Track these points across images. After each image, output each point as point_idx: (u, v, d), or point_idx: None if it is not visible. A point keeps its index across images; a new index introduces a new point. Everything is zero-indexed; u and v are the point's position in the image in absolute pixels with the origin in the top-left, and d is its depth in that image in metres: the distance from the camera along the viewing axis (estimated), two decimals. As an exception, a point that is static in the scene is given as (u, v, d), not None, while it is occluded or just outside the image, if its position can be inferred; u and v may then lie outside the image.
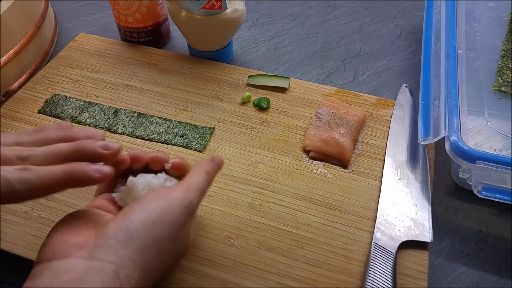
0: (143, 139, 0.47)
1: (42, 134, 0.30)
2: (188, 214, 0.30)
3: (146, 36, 0.59)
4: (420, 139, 0.43)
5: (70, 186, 0.28)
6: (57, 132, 0.31)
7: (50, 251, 0.27)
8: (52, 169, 0.27)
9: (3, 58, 0.51)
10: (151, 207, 0.29)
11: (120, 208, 0.33)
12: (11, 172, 0.26)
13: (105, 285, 0.25)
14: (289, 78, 0.53)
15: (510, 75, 0.48)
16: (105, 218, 0.31)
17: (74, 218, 0.30)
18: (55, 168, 0.27)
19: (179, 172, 0.34)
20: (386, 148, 0.46)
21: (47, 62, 0.58)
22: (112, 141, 0.31)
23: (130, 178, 0.32)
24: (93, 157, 0.29)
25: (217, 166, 0.34)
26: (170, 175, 0.34)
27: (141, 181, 0.32)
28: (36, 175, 0.27)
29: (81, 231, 0.28)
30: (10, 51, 0.52)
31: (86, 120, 0.49)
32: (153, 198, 0.29)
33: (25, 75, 0.55)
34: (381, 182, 0.43)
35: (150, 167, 0.34)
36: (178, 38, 0.63)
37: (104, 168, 0.29)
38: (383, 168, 0.44)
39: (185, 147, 0.46)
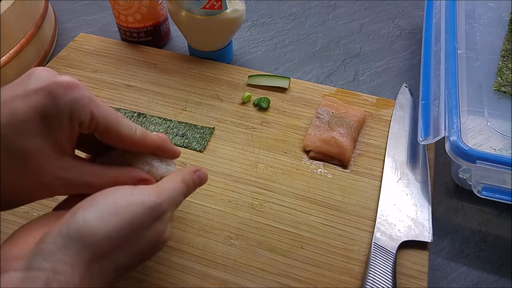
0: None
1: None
2: (152, 216, 0.28)
3: (146, 36, 0.59)
4: (420, 139, 0.43)
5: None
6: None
7: None
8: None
9: (3, 58, 0.51)
10: (102, 204, 0.27)
11: None
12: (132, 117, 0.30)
13: None
14: (289, 78, 0.53)
15: (510, 75, 0.48)
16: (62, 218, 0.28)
17: (23, 228, 0.28)
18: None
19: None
20: (386, 148, 0.46)
21: (47, 62, 0.58)
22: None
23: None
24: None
25: (199, 179, 0.33)
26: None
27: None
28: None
29: (27, 241, 0.26)
30: (10, 51, 0.52)
31: (86, 120, 0.49)
32: (109, 194, 0.27)
33: (25, 75, 0.55)
34: (381, 182, 0.43)
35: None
36: (178, 38, 0.63)
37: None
38: (383, 168, 0.44)
39: (185, 147, 0.46)
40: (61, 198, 0.41)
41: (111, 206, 0.27)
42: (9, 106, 0.26)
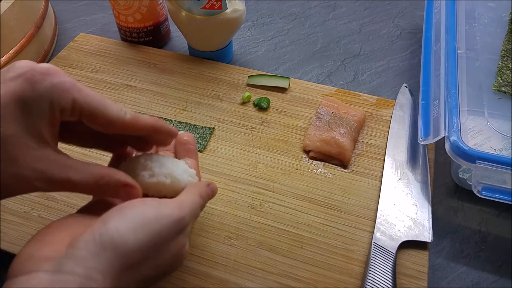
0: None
1: None
2: (177, 230, 0.28)
3: (146, 36, 0.59)
4: (420, 139, 0.43)
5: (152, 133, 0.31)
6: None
7: (16, 267, 0.25)
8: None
9: (3, 58, 0.51)
10: (132, 215, 0.27)
11: None
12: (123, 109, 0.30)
13: None
14: (289, 78, 0.53)
15: (510, 75, 0.48)
16: (90, 221, 0.28)
17: (49, 228, 0.28)
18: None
19: (183, 146, 0.35)
20: (386, 148, 0.46)
21: (47, 62, 0.58)
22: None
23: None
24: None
25: (211, 192, 0.34)
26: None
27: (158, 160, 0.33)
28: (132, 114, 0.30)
29: (53, 242, 0.26)
30: (10, 51, 0.52)
31: (86, 120, 0.49)
32: (138, 206, 0.28)
33: (25, 75, 0.55)
34: (381, 182, 0.43)
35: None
36: (178, 38, 0.63)
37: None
38: (383, 168, 0.44)
39: (185, 147, 0.46)
40: (60, 197, 0.41)
41: (140, 217, 0.27)
42: None
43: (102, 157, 0.44)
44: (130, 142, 0.34)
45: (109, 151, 0.35)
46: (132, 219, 0.26)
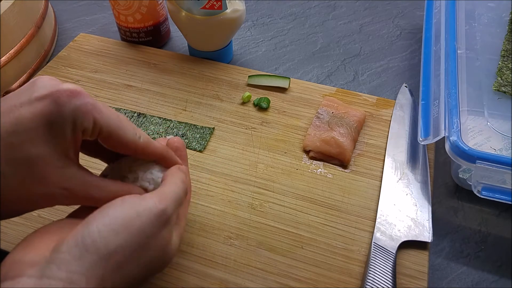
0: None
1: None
2: (160, 224, 0.28)
3: (146, 36, 0.59)
4: (420, 139, 0.43)
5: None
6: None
7: (3, 271, 0.25)
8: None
9: (3, 58, 0.51)
10: (113, 215, 0.27)
11: None
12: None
13: None
14: (289, 78, 0.53)
15: (510, 75, 0.48)
16: (76, 226, 0.28)
17: (37, 233, 0.28)
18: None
19: (175, 153, 0.35)
20: (386, 148, 0.46)
21: (47, 62, 0.58)
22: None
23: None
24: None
25: (185, 174, 0.34)
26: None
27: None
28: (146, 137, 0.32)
29: (40, 246, 0.26)
30: (10, 51, 0.52)
31: (86, 120, 0.49)
32: (118, 205, 0.27)
33: (25, 75, 0.55)
34: (381, 182, 0.43)
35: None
36: (178, 38, 0.63)
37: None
38: (383, 168, 0.44)
39: (185, 147, 0.46)
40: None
41: (121, 217, 0.27)
42: (15, 114, 0.26)
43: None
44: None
45: (107, 162, 0.35)
46: (113, 219, 0.26)
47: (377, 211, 0.41)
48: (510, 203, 0.39)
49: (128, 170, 0.33)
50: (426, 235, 0.38)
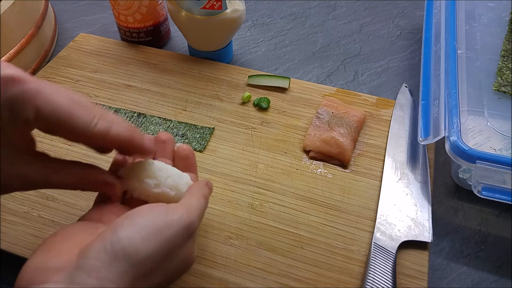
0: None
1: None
2: (187, 235, 0.28)
3: (146, 36, 0.59)
4: (420, 139, 0.43)
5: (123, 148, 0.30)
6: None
7: (25, 278, 0.25)
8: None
9: (3, 58, 0.51)
10: (143, 223, 0.26)
11: (116, 215, 0.31)
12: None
13: None
14: (289, 78, 0.53)
15: (510, 75, 0.48)
16: (96, 230, 0.28)
17: (55, 237, 0.28)
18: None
19: (184, 161, 0.34)
20: (386, 148, 0.46)
21: (47, 62, 0.58)
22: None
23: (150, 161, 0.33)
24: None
25: (210, 191, 0.34)
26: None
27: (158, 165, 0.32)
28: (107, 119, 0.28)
29: (62, 251, 0.26)
30: (10, 51, 0.52)
31: (86, 120, 0.49)
32: (146, 213, 0.27)
33: (25, 75, 0.55)
34: (381, 182, 0.43)
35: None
36: (178, 38, 0.63)
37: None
38: (383, 168, 0.44)
39: (185, 147, 0.46)
40: (60, 197, 0.41)
41: (151, 226, 0.26)
42: None
43: (103, 157, 0.44)
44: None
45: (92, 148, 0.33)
46: (143, 228, 0.26)
47: (377, 211, 0.41)
48: (510, 203, 0.39)
49: (146, 175, 0.32)
50: (426, 235, 0.38)
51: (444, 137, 0.40)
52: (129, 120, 0.49)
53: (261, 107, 0.50)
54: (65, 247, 0.26)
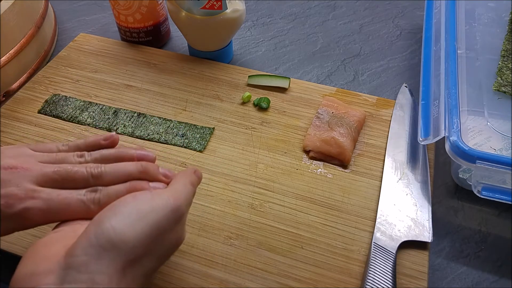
0: (143, 139, 0.47)
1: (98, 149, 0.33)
2: (174, 219, 0.28)
3: (146, 36, 0.59)
4: (420, 139, 0.43)
5: None
6: (113, 150, 0.33)
7: (17, 287, 0.25)
8: (117, 188, 0.30)
9: (3, 58, 0.51)
10: (127, 211, 0.27)
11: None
12: (85, 195, 0.30)
13: None
14: (289, 78, 0.53)
15: (510, 75, 0.48)
16: (76, 232, 0.28)
17: (37, 247, 0.28)
18: (120, 187, 0.30)
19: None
20: (386, 148, 0.46)
21: (47, 62, 0.58)
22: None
23: None
24: (151, 179, 0.32)
25: (198, 179, 0.34)
26: None
27: None
28: (106, 194, 0.30)
29: (48, 256, 0.26)
30: (10, 51, 0.52)
31: (86, 120, 0.49)
32: (130, 201, 0.28)
33: (25, 75, 0.55)
34: (381, 182, 0.43)
35: None
36: (178, 38, 0.63)
37: (160, 186, 0.31)
38: (383, 168, 0.44)
39: (185, 147, 0.46)
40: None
41: (135, 212, 0.27)
42: None
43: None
44: None
45: None
46: (127, 215, 0.26)
47: (377, 211, 0.41)
48: (510, 203, 0.39)
49: None
50: (426, 235, 0.38)
51: (444, 137, 0.40)
52: (129, 120, 0.49)
53: (261, 107, 0.50)
54: (49, 252, 0.26)
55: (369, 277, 0.35)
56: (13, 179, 0.29)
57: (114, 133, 0.35)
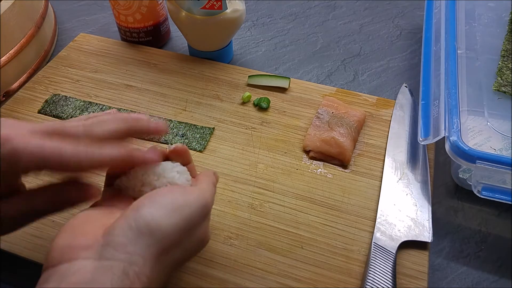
0: (143, 139, 0.47)
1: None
2: (203, 214, 0.30)
3: (146, 36, 0.59)
4: (420, 139, 0.43)
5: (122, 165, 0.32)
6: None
7: (55, 257, 0.26)
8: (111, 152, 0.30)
9: (3, 58, 0.51)
10: (164, 202, 0.28)
11: (127, 202, 0.31)
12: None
13: (114, 285, 0.24)
14: (289, 78, 0.53)
15: (510, 75, 0.48)
16: (113, 214, 0.29)
17: (75, 221, 0.29)
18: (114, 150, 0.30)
19: (180, 159, 0.35)
20: (386, 148, 0.46)
21: (47, 62, 0.58)
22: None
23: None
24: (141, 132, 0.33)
25: (217, 179, 0.35)
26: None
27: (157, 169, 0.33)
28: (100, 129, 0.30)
29: (86, 232, 0.27)
30: (10, 51, 0.52)
31: (86, 120, 0.49)
32: (166, 193, 0.29)
33: (25, 75, 0.55)
34: (381, 182, 0.43)
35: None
36: (178, 38, 0.63)
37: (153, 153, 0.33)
38: (383, 168, 0.44)
39: (185, 147, 0.46)
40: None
41: (171, 204, 0.28)
42: None
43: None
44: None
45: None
46: (164, 206, 0.28)
47: (377, 211, 0.41)
48: (510, 203, 0.39)
49: (140, 184, 0.32)
50: (426, 235, 0.39)
51: (444, 137, 0.40)
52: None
53: (261, 107, 0.50)
54: (88, 228, 0.28)
55: (369, 277, 0.35)
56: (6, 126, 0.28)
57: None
